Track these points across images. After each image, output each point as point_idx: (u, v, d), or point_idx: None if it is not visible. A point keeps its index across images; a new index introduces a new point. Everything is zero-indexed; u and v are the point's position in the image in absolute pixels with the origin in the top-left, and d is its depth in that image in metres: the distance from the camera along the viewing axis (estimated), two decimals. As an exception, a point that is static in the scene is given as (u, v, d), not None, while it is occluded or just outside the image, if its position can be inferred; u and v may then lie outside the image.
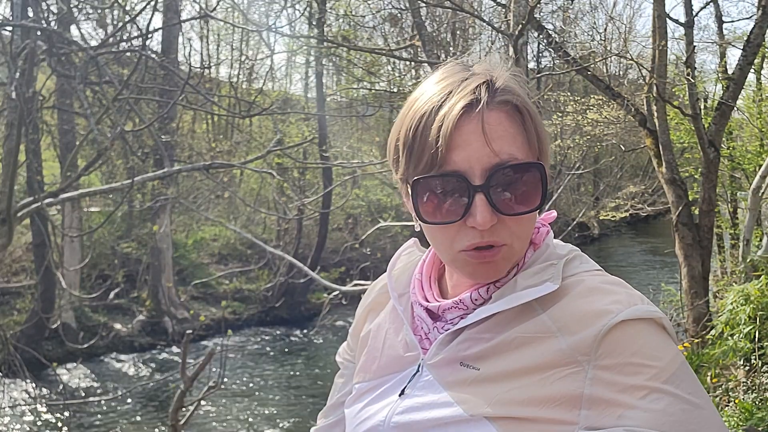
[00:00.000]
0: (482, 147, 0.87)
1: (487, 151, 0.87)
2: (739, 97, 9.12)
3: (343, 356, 1.20)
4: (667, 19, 7.95)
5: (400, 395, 0.96)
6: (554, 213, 1.04)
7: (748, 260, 7.47)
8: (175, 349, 13.45)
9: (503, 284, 0.94)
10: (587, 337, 0.85)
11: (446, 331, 0.96)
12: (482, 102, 0.88)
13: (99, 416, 10.63)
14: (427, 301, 1.01)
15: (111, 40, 7.05)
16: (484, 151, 0.87)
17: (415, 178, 0.90)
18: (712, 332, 6.01)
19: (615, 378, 0.83)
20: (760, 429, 4.32)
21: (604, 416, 0.82)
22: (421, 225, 0.95)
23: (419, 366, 0.97)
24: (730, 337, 5.53)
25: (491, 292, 0.94)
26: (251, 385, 12.25)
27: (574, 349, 0.86)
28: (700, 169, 8.26)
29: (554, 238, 1.02)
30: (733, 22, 30.02)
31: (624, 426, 0.80)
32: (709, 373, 5.54)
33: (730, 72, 8.57)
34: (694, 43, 8.83)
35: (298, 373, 12.90)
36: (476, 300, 0.95)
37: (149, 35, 6.84)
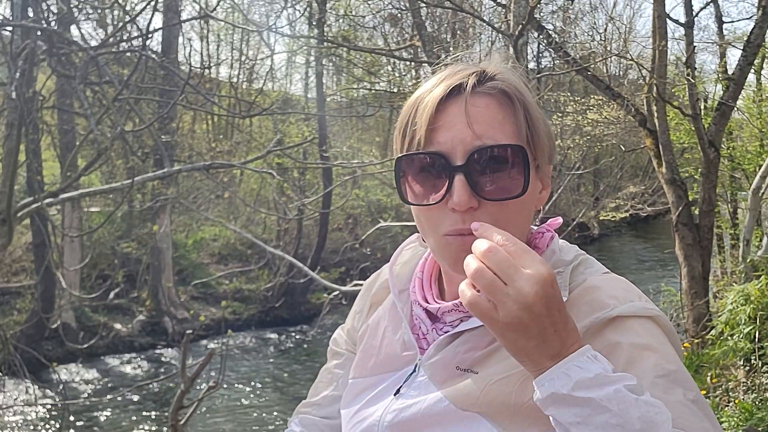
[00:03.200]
0: (465, 128, 0.87)
1: (470, 132, 0.87)
2: (739, 97, 9.12)
3: (344, 347, 1.17)
4: (667, 19, 7.95)
5: (395, 394, 0.96)
6: (560, 219, 1.03)
7: (748, 260, 7.47)
8: (175, 349, 13.43)
9: None
10: (579, 328, 0.85)
11: (445, 333, 0.96)
12: (469, 85, 0.89)
13: (99, 416, 10.63)
14: (427, 302, 1.01)
15: (111, 40, 7.04)
16: (466, 132, 0.87)
17: (398, 156, 0.91)
18: (712, 332, 6.01)
19: None
20: (760, 429, 4.32)
21: None
22: (411, 209, 0.95)
23: (416, 366, 0.97)
24: (730, 338, 5.53)
25: None
26: (251, 385, 12.24)
27: None
28: (700, 170, 8.26)
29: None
30: (733, 22, 30.08)
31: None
32: (709, 374, 5.54)
33: (730, 72, 8.57)
34: (694, 44, 8.84)
35: (298, 373, 12.89)
36: None
37: (149, 35, 6.83)
